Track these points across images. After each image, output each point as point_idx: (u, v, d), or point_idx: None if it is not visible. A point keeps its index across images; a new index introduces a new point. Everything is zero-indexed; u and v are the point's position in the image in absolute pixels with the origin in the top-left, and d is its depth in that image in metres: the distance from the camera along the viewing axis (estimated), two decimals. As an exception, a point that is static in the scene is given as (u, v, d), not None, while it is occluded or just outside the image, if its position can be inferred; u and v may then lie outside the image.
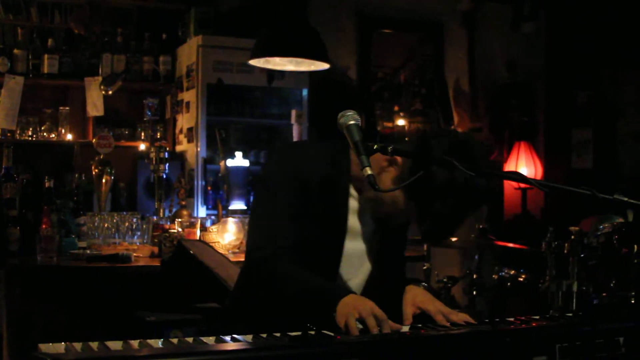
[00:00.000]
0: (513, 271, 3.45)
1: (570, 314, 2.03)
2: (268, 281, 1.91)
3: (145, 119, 5.22)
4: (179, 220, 4.16)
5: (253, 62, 4.04)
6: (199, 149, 5.04)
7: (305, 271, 1.90)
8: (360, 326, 1.67)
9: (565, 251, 2.85)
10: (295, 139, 5.24)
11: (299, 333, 1.58)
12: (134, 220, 4.32)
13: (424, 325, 1.74)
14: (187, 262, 3.36)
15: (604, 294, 2.75)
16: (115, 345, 1.47)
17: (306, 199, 1.95)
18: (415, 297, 1.91)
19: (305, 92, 5.42)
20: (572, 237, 2.85)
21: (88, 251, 4.00)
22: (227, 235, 4.13)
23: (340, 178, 1.99)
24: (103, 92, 4.91)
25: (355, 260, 2.02)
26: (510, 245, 3.80)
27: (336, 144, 2.02)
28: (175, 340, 1.53)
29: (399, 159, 1.89)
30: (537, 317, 1.84)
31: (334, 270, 1.98)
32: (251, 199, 4.79)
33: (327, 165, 1.99)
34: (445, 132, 2.94)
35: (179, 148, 5.38)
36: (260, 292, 1.94)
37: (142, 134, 5.37)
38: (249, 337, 1.59)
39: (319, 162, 1.99)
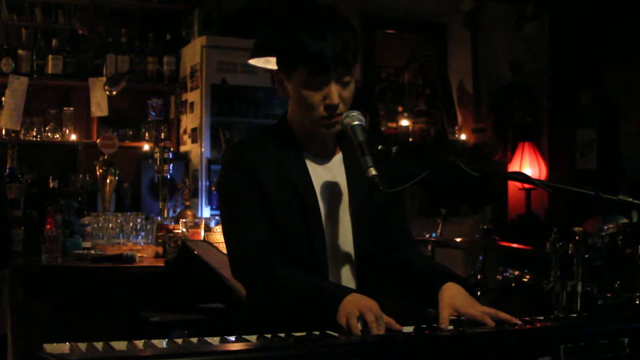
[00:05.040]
0: (517, 272, 3.44)
1: (575, 315, 2.04)
2: (268, 292, 1.91)
3: (149, 120, 5.23)
4: (183, 220, 4.16)
5: (253, 61, 4.03)
6: (203, 150, 5.05)
7: (302, 273, 1.90)
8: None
9: (570, 252, 2.85)
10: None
11: (304, 333, 1.58)
12: (138, 220, 4.32)
13: (428, 326, 1.73)
14: (191, 263, 3.36)
15: (608, 295, 2.75)
16: (119, 345, 1.47)
17: (268, 192, 1.95)
18: (454, 300, 1.82)
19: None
20: (577, 237, 2.85)
21: (92, 251, 4.00)
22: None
23: (291, 153, 1.99)
24: (107, 93, 4.91)
25: (335, 219, 2.00)
26: (515, 245, 3.79)
27: (278, 122, 2.06)
28: (179, 341, 1.53)
29: None
30: (542, 317, 1.84)
31: (321, 244, 1.97)
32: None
33: (274, 150, 1.99)
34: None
35: (183, 148, 5.39)
36: (263, 301, 1.95)
37: (146, 134, 5.38)
38: (254, 337, 1.60)
39: (265, 151, 1.99)
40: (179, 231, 4.02)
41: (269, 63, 4.33)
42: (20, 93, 4.96)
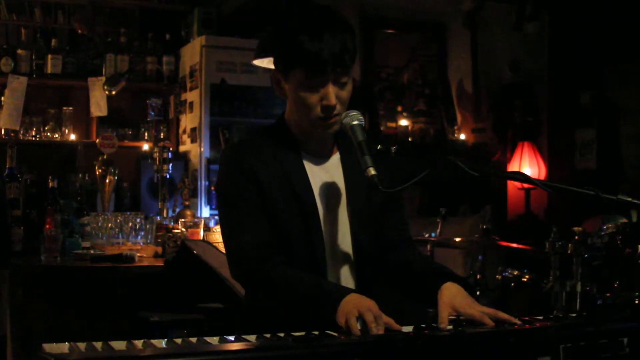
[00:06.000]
0: (517, 271, 3.45)
1: (574, 315, 2.03)
2: (267, 291, 1.92)
3: (148, 119, 5.22)
4: (183, 220, 4.17)
5: (256, 62, 4.04)
6: (202, 149, 5.05)
7: (301, 273, 1.90)
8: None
9: (569, 251, 2.85)
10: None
11: (303, 333, 1.58)
12: (138, 220, 4.33)
13: (427, 326, 1.74)
14: (191, 262, 3.37)
15: (607, 294, 2.75)
16: (119, 345, 1.47)
17: (267, 192, 1.94)
18: (453, 299, 1.82)
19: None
20: (576, 237, 2.85)
21: (92, 251, 4.00)
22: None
23: (289, 154, 1.99)
24: (106, 92, 4.91)
25: (333, 219, 2.00)
26: (514, 245, 3.79)
27: (275, 122, 2.07)
28: (179, 340, 1.53)
29: None
30: (541, 317, 1.84)
31: (320, 244, 1.97)
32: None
33: (272, 150, 1.99)
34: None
35: (182, 148, 5.39)
36: (262, 301, 1.95)
37: (146, 134, 5.38)
38: (253, 337, 1.60)
39: (263, 151, 1.99)
40: (179, 231, 4.02)
41: (272, 63, 4.32)
42: (19, 93, 4.96)
